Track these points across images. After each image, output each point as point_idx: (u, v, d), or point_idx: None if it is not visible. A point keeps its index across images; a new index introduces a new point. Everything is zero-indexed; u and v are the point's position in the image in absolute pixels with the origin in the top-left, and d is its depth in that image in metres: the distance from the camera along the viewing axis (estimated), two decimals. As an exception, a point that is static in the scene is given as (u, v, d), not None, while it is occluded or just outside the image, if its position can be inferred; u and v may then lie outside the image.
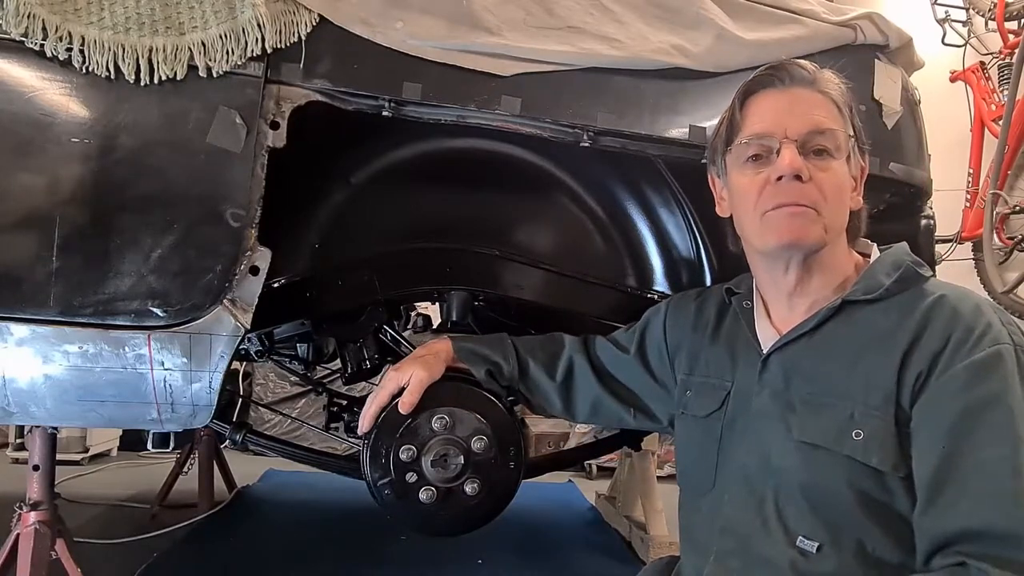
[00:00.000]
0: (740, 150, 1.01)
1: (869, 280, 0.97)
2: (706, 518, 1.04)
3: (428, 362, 1.23)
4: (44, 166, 1.11)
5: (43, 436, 1.64)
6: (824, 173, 0.95)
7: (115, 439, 3.99)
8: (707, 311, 1.19)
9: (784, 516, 0.93)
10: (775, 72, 1.01)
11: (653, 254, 1.72)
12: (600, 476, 3.89)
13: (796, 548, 0.91)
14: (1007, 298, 3.04)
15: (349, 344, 1.66)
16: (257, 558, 2.34)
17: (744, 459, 1.00)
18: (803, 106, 0.98)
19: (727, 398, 1.07)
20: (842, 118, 0.99)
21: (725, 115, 1.06)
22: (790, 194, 0.95)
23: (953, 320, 0.88)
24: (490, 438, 1.25)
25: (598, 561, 2.46)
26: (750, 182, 0.99)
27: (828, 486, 0.90)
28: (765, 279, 1.07)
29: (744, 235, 1.04)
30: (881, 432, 0.88)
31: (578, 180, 1.66)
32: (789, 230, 0.96)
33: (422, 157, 1.53)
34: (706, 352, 1.15)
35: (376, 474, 1.24)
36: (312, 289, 1.48)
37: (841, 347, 0.95)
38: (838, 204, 0.97)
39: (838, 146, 0.97)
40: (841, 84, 1.01)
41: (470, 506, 1.26)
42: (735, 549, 0.98)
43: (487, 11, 1.22)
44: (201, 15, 1.13)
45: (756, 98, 1.01)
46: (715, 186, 1.12)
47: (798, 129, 0.96)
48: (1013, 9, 3.23)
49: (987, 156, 3.34)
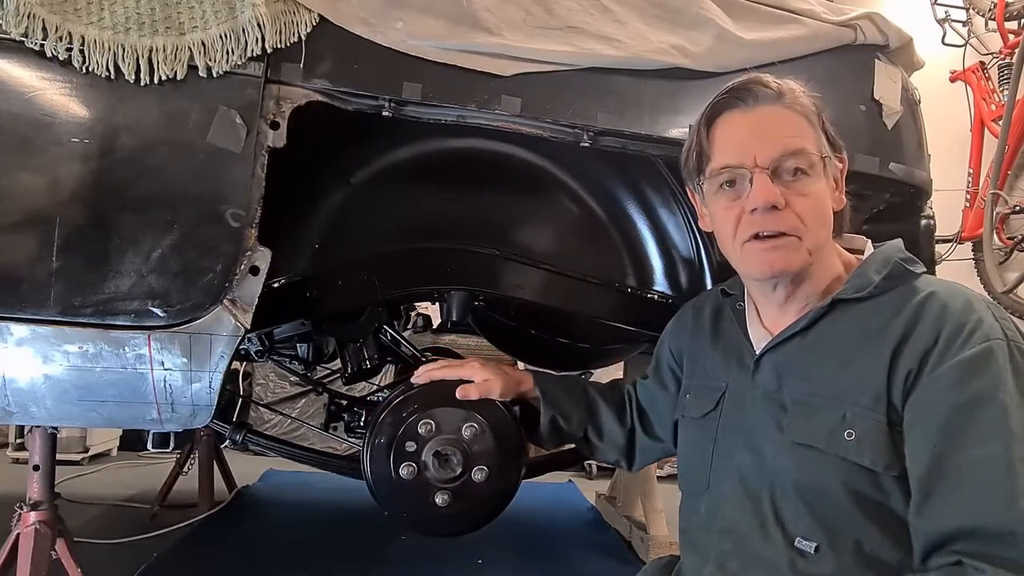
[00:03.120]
0: (712, 180, 0.99)
1: (860, 278, 0.96)
2: (704, 519, 1.04)
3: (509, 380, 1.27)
4: (44, 166, 1.11)
5: (43, 436, 1.64)
6: (802, 198, 0.94)
7: (115, 439, 3.99)
8: (704, 314, 1.19)
9: (781, 516, 0.93)
10: (738, 93, 0.98)
11: (653, 254, 1.72)
12: (600, 476, 3.89)
13: (794, 549, 0.91)
14: (1007, 298, 3.04)
15: (349, 344, 1.66)
16: (257, 558, 2.34)
17: (740, 460, 1.00)
18: (771, 127, 0.95)
19: (721, 399, 1.07)
20: (813, 131, 0.97)
21: (692, 140, 1.03)
22: (767, 224, 0.94)
23: (943, 316, 0.88)
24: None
25: (598, 561, 2.46)
26: (726, 211, 0.98)
27: (823, 486, 0.90)
28: (754, 291, 1.07)
29: (728, 258, 1.04)
30: (873, 432, 0.87)
31: (578, 180, 1.66)
32: (770, 263, 0.95)
33: (422, 157, 1.53)
34: (704, 354, 1.15)
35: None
36: (312, 289, 1.48)
37: (832, 346, 0.95)
38: (819, 225, 0.96)
39: (812, 164, 0.95)
40: (808, 94, 0.99)
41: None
42: (734, 550, 0.98)
43: (487, 11, 1.22)
44: (201, 15, 1.13)
45: (721, 122, 0.99)
46: (695, 200, 1.10)
47: (768, 154, 0.94)
48: (1013, 9, 3.23)
49: (987, 156, 3.34)
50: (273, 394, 4.04)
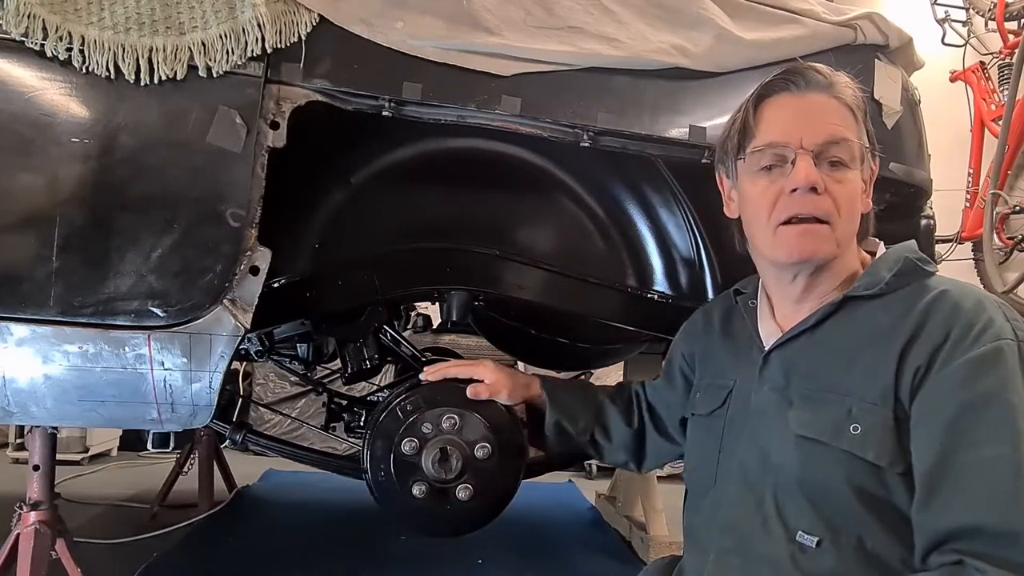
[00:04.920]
0: (754, 158, 0.99)
1: (871, 276, 0.96)
2: (707, 517, 1.05)
3: (517, 383, 1.28)
4: (44, 166, 1.11)
5: (43, 436, 1.64)
6: (839, 185, 0.95)
7: (115, 439, 3.99)
8: (713, 316, 1.19)
9: (783, 513, 0.93)
10: (790, 76, 0.99)
11: (653, 254, 1.72)
12: (600, 476, 3.89)
13: (795, 543, 0.91)
14: (1007, 298, 3.04)
15: (349, 344, 1.66)
16: (257, 558, 2.34)
17: (743, 457, 1.00)
18: (819, 113, 0.96)
19: (729, 396, 1.07)
20: (856, 125, 0.98)
21: (738, 116, 1.04)
22: (804, 206, 0.94)
23: (953, 315, 0.88)
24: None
25: (598, 561, 2.46)
26: (763, 192, 0.98)
27: (826, 481, 0.90)
28: (772, 283, 1.07)
29: (754, 242, 1.04)
30: (879, 427, 0.87)
31: (578, 180, 1.66)
32: (800, 248, 0.95)
33: (422, 157, 1.53)
34: (714, 353, 1.15)
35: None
36: (312, 289, 1.48)
37: (841, 343, 0.95)
38: (851, 216, 0.97)
39: (853, 156, 0.96)
40: (856, 88, 1.00)
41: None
42: (735, 547, 0.98)
43: (487, 11, 1.22)
44: (201, 15, 1.13)
45: (771, 103, 1.00)
46: (723, 186, 1.10)
47: (814, 139, 0.94)
48: (1013, 9, 3.23)
49: (987, 156, 3.34)
50: (273, 394, 4.04)
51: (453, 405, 1.25)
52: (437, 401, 1.26)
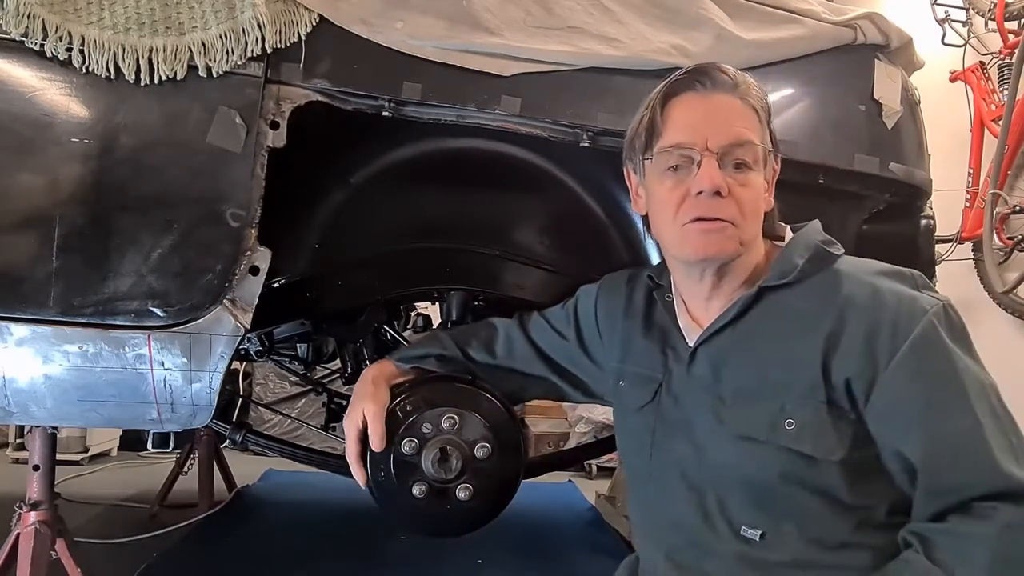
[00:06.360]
0: (661, 158, 1.00)
1: (783, 264, 0.98)
2: (653, 513, 1.07)
3: (371, 393, 1.21)
4: (44, 166, 1.11)
5: (43, 436, 1.64)
6: (743, 188, 0.96)
7: (115, 439, 3.99)
8: (636, 298, 1.18)
9: (726, 509, 0.96)
10: (697, 76, 1.00)
11: (653, 254, 1.72)
12: (600, 476, 3.89)
13: (741, 538, 0.93)
14: (1007, 298, 3.04)
15: (349, 344, 1.66)
16: (257, 558, 2.34)
17: (680, 453, 1.01)
18: (724, 115, 0.97)
19: (658, 391, 1.07)
20: (760, 126, 0.99)
21: (645, 114, 1.04)
22: (710, 209, 0.96)
23: (875, 305, 0.90)
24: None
25: (598, 561, 2.46)
26: (670, 192, 0.99)
27: (765, 477, 0.92)
28: (681, 279, 1.08)
29: (661, 239, 1.05)
30: (813, 420, 0.90)
31: (578, 180, 1.66)
32: (706, 246, 0.97)
33: (422, 157, 1.53)
34: (637, 341, 1.15)
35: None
36: (312, 289, 1.48)
37: (764, 336, 0.97)
38: (754, 218, 0.99)
39: (756, 158, 0.98)
40: (760, 90, 1.01)
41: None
42: (684, 544, 1.00)
43: (487, 11, 1.23)
44: (201, 15, 1.13)
45: (677, 102, 1.00)
46: (631, 182, 1.11)
47: (719, 141, 0.95)
48: (1013, 9, 3.23)
49: (987, 156, 3.33)
50: (273, 394, 4.04)
51: (453, 405, 1.25)
52: (437, 401, 1.26)
